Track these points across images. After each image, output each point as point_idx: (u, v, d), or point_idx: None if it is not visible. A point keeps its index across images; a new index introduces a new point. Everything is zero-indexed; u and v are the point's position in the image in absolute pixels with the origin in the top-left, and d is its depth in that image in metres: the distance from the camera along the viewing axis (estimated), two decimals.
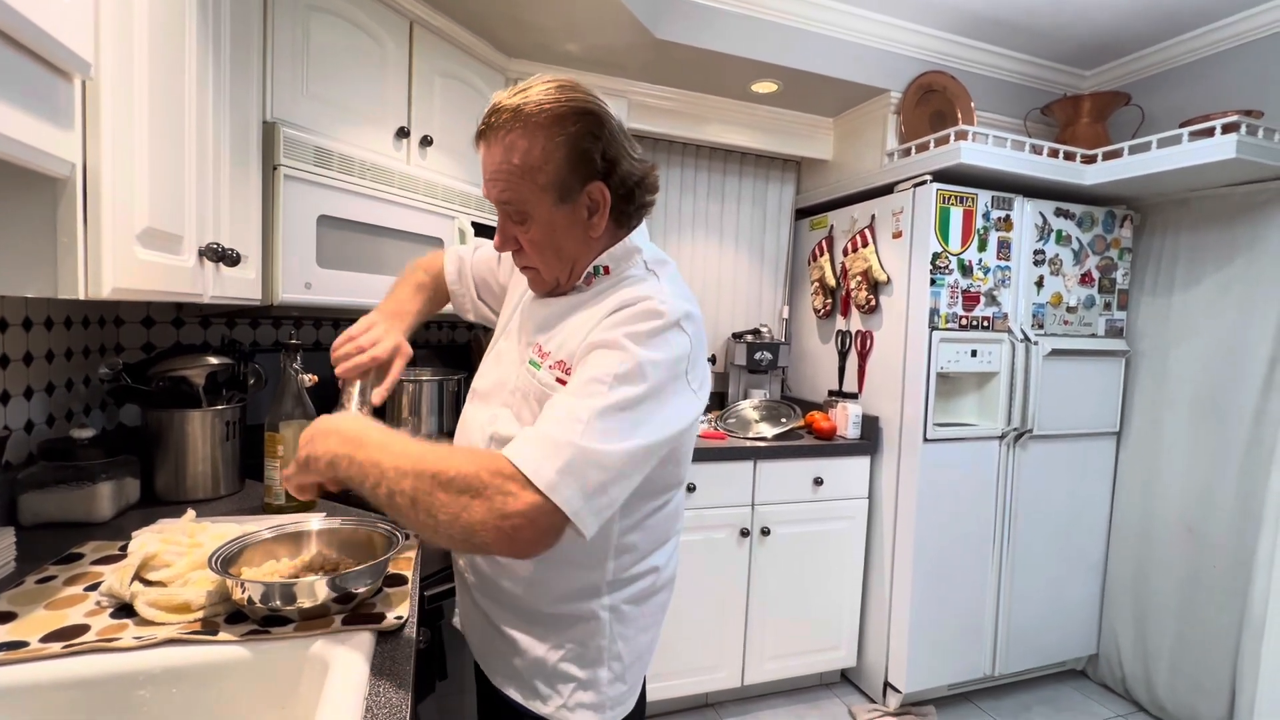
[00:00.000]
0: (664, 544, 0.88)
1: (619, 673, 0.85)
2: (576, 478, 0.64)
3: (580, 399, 0.68)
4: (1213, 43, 2.08)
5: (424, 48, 1.65)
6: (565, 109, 0.74)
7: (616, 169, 0.77)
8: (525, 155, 0.74)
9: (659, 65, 2.10)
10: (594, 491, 0.65)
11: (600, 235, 0.81)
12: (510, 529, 0.62)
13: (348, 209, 1.43)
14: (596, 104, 0.77)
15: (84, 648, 0.68)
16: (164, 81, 0.86)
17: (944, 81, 2.23)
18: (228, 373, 1.38)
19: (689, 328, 0.75)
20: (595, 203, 0.78)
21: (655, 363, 0.70)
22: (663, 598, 0.91)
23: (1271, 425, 1.91)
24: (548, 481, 0.63)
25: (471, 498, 0.62)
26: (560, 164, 0.75)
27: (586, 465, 0.64)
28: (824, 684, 2.31)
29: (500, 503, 0.62)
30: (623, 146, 0.78)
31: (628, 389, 0.68)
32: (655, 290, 0.77)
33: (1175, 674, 2.12)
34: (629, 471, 0.68)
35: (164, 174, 0.86)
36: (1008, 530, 2.18)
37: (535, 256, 0.81)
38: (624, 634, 0.85)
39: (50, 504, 1.06)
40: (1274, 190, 1.93)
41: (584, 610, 0.83)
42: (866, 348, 2.27)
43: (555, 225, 0.78)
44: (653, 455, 0.71)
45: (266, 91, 1.28)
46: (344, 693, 0.63)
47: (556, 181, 0.75)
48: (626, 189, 0.79)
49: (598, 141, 0.76)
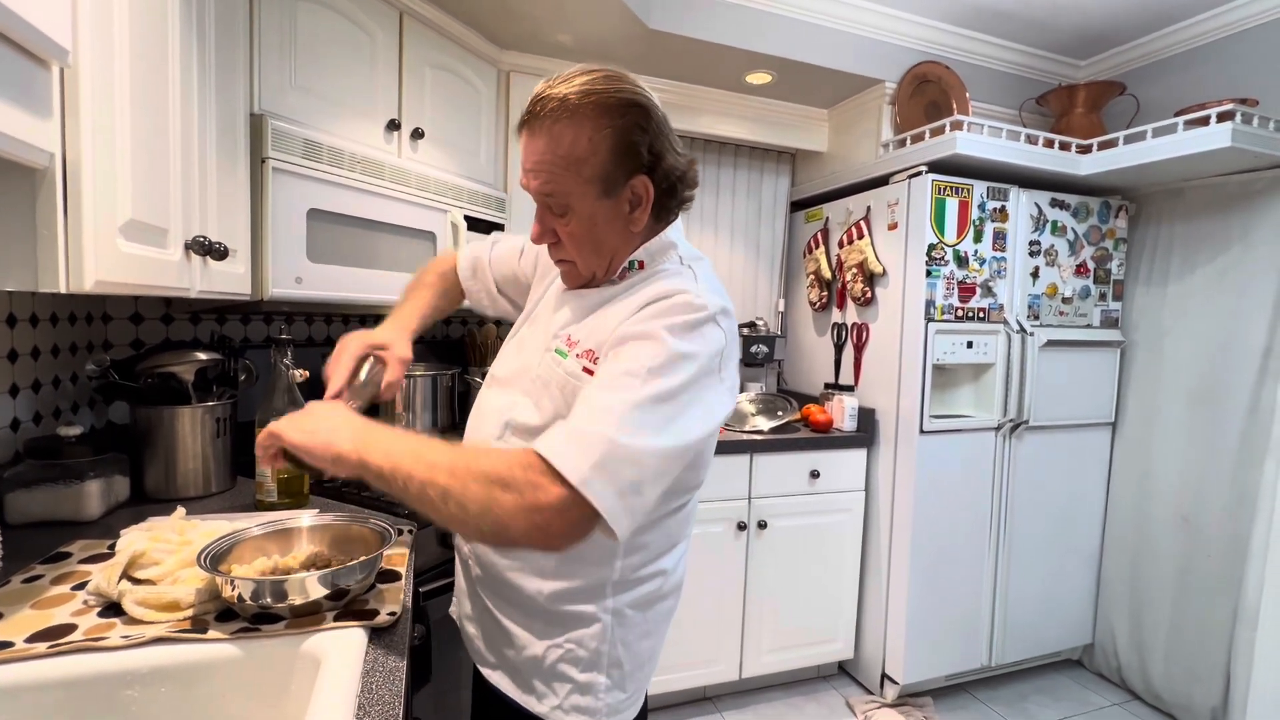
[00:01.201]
0: (673, 547, 0.87)
1: (618, 680, 0.83)
2: (610, 474, 0.62)
3: (613, 392, 0.66)
4: (1207, 31, 2.07)
5: (414, 39, 1.63)
6: (614, 100, 0.73)
7: (661, 163, 0.76)
8: (572, 146, 0.73)
9: (652, 56, 2.08)
10: (628, 489, 0.63)
11: (640, 230, 0.80)
12: (543, 522, 0.62)
13: (338, 202, 1.41)
14: (645, 95, 0.76)
15: (70, 647, 0.67)
16: (146, 71, 0.84)
17: (939, 72, 2.22)
18: (218, 369, 1.36)
19: (724, 323, 0.73)
20: (639, 197, 0.76)
21: (690, 355, 0.68)
22: (668, 604, 0.88)
23: (1266, 415, 1.91)
24: (580, 476, 0.61)
25: (502, 490, 0.62)
26: (606, 156, 0.73)
27: (620, 462, 0.63)
28: (821, 676, 2.32)
29: (531, 496, 0.61)
30: (668, 140, 0.77)
31: (662, 381, 0.66)
32: (691, 285, 0.75)
33: (1170, 663, 2.13)
34: (664, 470, 0.67)
35: (147, 165, 0.85)
36: (1004, 521, 2.19)
37: (573, 250, 0.80)
38: (625, 639, 0.83)
39: (37, 503, 1.04)
40: (1268, 179, 1.92)
41: (586, 610, 0.81)
42: (862, 340, 2.26)
43: (597, 219, 0.76)
44: (688, 453, 0.69)
45: (254, 83, 1.26)
46: (336, 690, 0.62)
47: (601, 174, 0.74)
48: (669, 183, 0.78)
49: (645, 134, 0.74)
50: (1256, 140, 1.77)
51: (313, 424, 0.72)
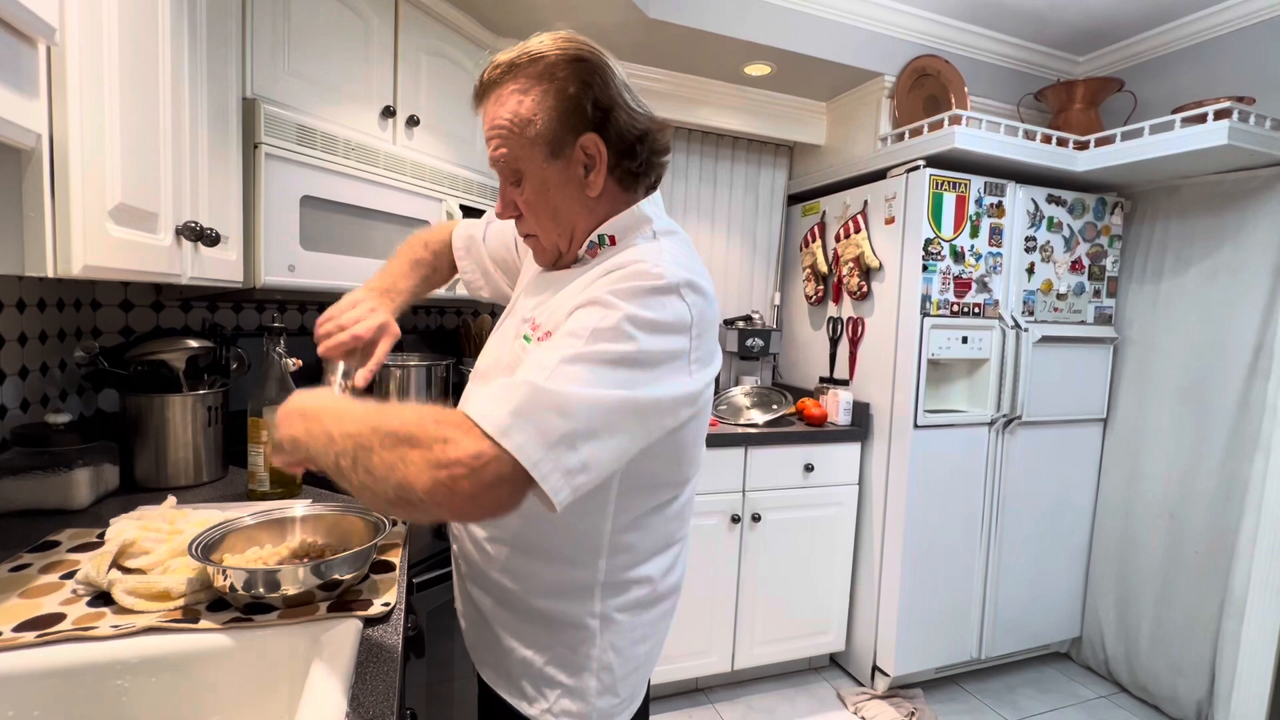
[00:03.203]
0: (665, 550, 0.82)
1: (608, 684, 0.79)
2: (532, 421, 0.54)
3: (549, 350, 0.60)
4: (1206, 29, 2.07)
5: (410, 24, 1.61)
6: (558, 57, 0.70)
7: (612, 119, 0.71)
8: (517, 108, 0.71)
9: (651, 46, 2.06)
10: (557, 442, 0.55)
11: (600, 197, 0.75)
12: (448, 480, 0.53)
13: (332, 190, 1.39)
14: (591, 51, 0.72)
15: (58, 637, 0.66)
16: (135, 52, 0.83)
17: (938, 66, 2.21)
18: (209, 357, 1.35)
19: (689, 297, 0.66)
20: (591, 157, 0.72)
21: (640, 322, 0.61)
22: (665, 606, 0.84)
23: (1255, 411, 1.93)
24: (497, 424, 0.54)
25: (410, 448, 0.54)
26: (551, 115, 0.70)
27: (544, 408, 0.55)
28: (813, 668, 2.33)
29: (440, 450, 0.53)
30: (619, 95, 0.72)
31: (605, 345, 0.59)
32: (651, 253, 0.69)
33: (1155, 656, 2.16)
34: (601, 427, 0.57)
35: (137, 148, 0.83)
36: (995, 516, 2.20)
37: (532, 220, 0.77)
38: (615, 644, 0.79)
39: (25, 491, 1.03)
40: (1263, 178, 1.93)
41: (573, 613, 0.77)
42: (858, 334, 2.26)
43: (549, 183, 0.73)
44: (632, 416, 0.60)
45: (246, 67, 1.24)
46: (330, 681, 0.61)
47: (548, 134, 0.70)
48: (625, 144, 0.73)
49: (588, 89, 0.70)
50: (1253, 138, 1.78)
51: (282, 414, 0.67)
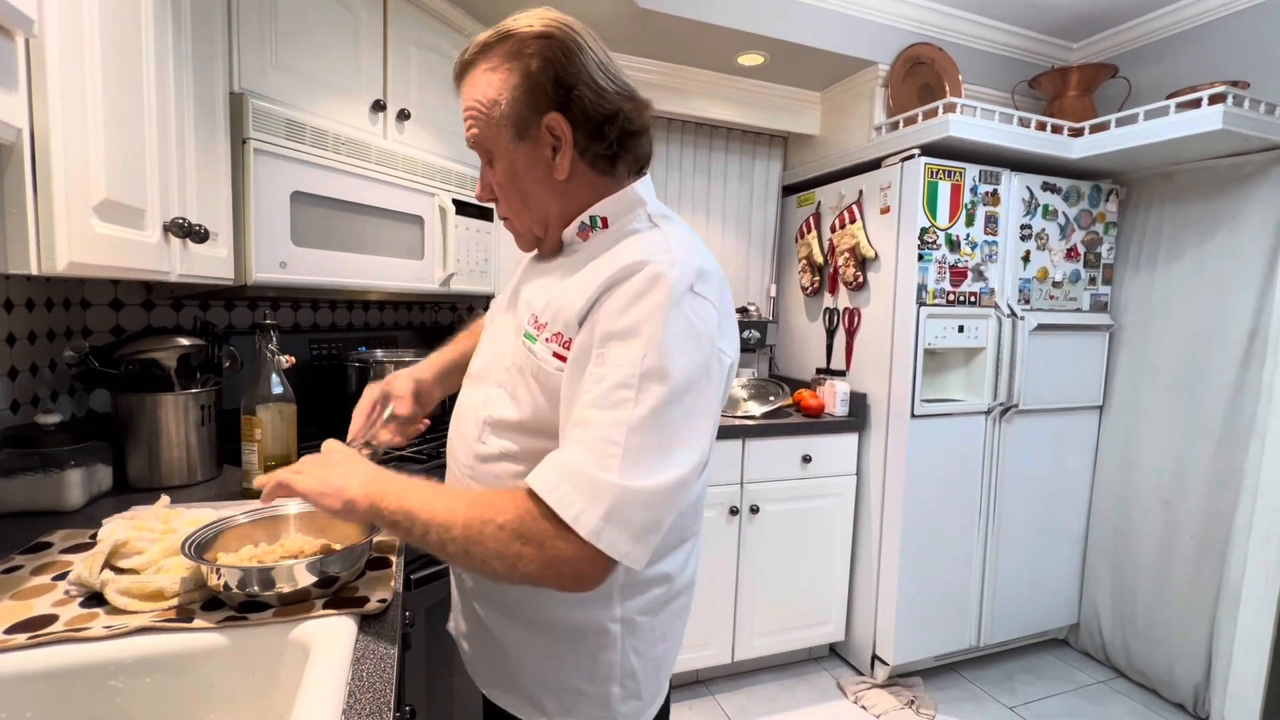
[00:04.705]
0: (681, 545, 0.80)
1: (633, 690, 0.77)
2: (623, 521, 0.59)
3: (607, 410, 0.60)
4: (1199, 13, 2.06)
5: (399, 17, 1.59)
6: (525, 34, 0.69)
7: (576, 98, 0.69)
8: (485, 88, 0.71)
9: (643, 37, 2.05)
10: (642, 531, 0.60)
11: (572, 181, 0.73)
12: (571, 574, 0.60)
13: (323, 185, 1.38)
14: (560, 27, 0.70)
15: (51, 638, 0.65)
16: (118, 45, 0.81)
17: (932, 54, 2.20)
18: (201, 355, 1.33)
19: (706, 290, 0.65)
20: (557, 139, 0.70)
21: (681, 345, 0.62)
22: (681, 602, 0.82)
23: (1250, 397, 1.93)
24: (591, 529, 0.58)
25: (522, 544, 0.60)
26: (515, 94, 0.69)
27: (631, 508, 0.59)
28: (813, 658, 2.34)
29: (552, 550, 0.59)
30: (586, 74, 0.69)
31: (657, 388, 0.60)
32: (656, 248, 0.66)
33: (1151, 641, 2.17)
34: (675, 501, 0.62)
35: (121, 143, 0.82)
36: (993, 504, 2.21)
37: (504, 203, 0.76)
38: (637, 647, 0.77)
39: (16, 492, 1.02)
40: (1258, 162, 1.93)
41: (593, 620, 0.74)
42: (854, 325, 2.26)
43: (516, 165, 0.72)
44: (701, 465, 0.65)
45: (233, 61, 1.22)
46: (326, 678, 0.61)
47: (513, 115, 0.70)
48: (593, 124, 0.70)
49: (550, 65, 0.68)
50: (1247, 123, 1.77)
51: (324, 472, 0.70)
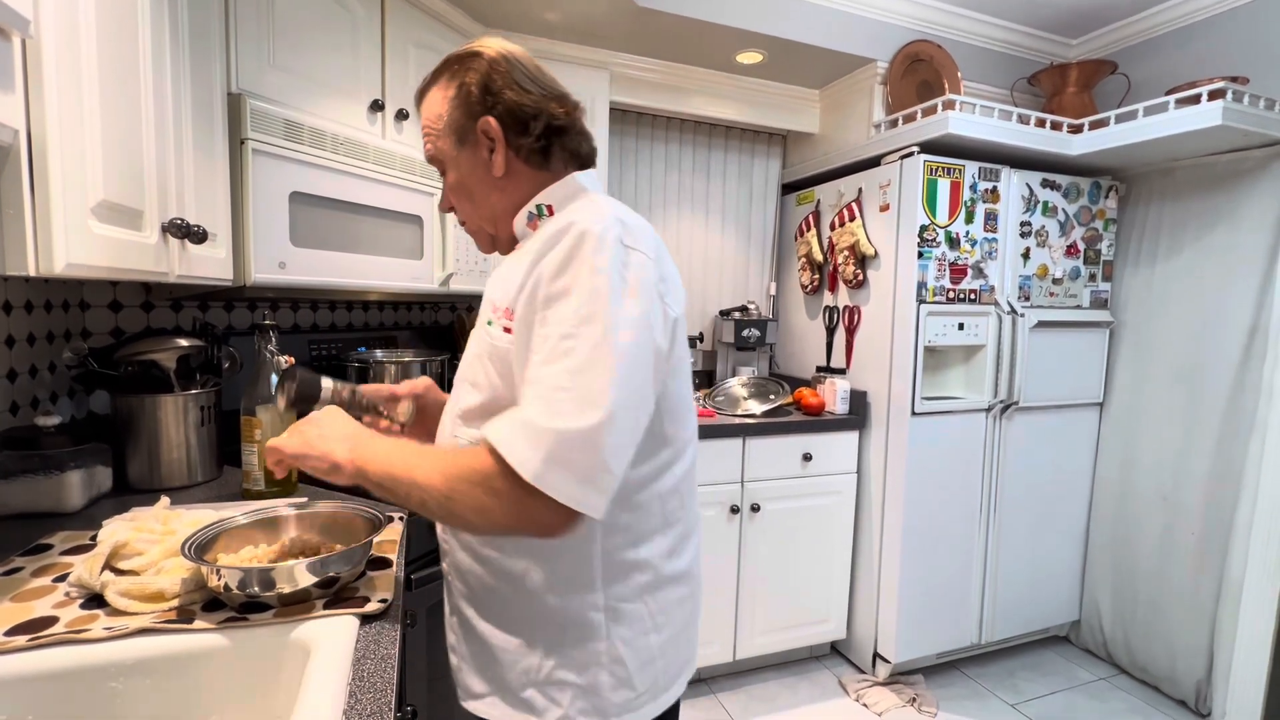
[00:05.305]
0: (663, 530, 0.80)
1: (623, 678, 0.77)
2: (563, 465, 0.61)
3: (552, 364, 0.64)
4: (1198, 9, 2.06)
5: (397, 16, 1.59)
6: (459, 55, 0.80)
7: (501, 102, 0.77)
8: (434, 106, 0.81)
9: (641, 35, 2.04)
10: (587, 474, 0.62)
11: (509, 176, 0.80)
12: (534, 521, 0.64)
13: (321, 185, 1.37)
14: (488, 45, 0.80)
15: (51, 640, 0.65)
16: (114, 45, 0.81)
17: (931, 51, 2.20)
18: (201, 356, 1.33)
19: (637, 244, 0.69)
20: (491, 140, 0.78)
21: (616, 293, 0.65)
22: (674, 594, 0.81)
23: (1251, 394, 1.93)
24: (534, 474, 0.61)
25: (490, 498, 0.64)
26: (453, 106, 0.79)
27: (569, 450, 0.62)
28: (814, 656, 2.34)
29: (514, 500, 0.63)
30: (511, 80, 0.78)
31: (595, 334, 0.64)
32: (582, 211, 0.71)
33: (1153, 637, 2.17)
34: (617, 442, 0.64)
35: (119, 144, 0.82)
36: (994, 501, 2.20)
37: (458, 205, 0.84)
38: (624, 636, 0.76)
39: (16, 494, 1.02)
40: (1257, 158, 1.93)
41: (577, 610, 0.75)
42: (854, 323, 2.26)
43: (462, 167, 0.81)
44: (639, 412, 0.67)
45: (230, 61, 1.22)
46: (327, 678, 0.61)
47: (454, 125, 0.79)
48: (520, 122, 0.78)
49: (476, 75, 0.78)
50: (1247, 118, 1.77)
51: (313, 433, 0.74)
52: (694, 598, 0.86)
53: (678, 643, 0.83)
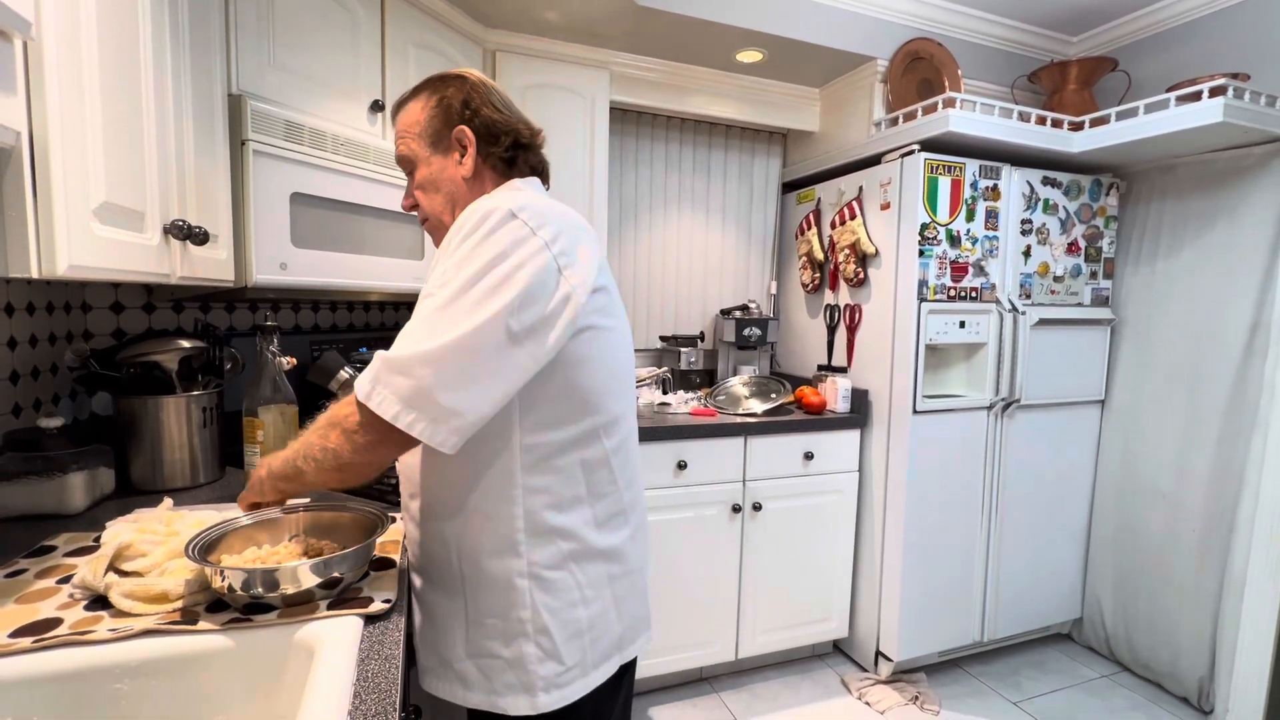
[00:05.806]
0: (591, 501, 0.83)
1: (549, 649, 0.79)
2: (386, 385, 0.70)
3: (419, 310, 0.74)
4: (1198, 5, 2.05)
5: (397, 16, 1.59)
6: (440, 75, 0.93)
7: (478, 116, 0.89)
8: (413, 114, 0.91)
9: (641, 34, 2.04)
10: (408, 395, 0.69)
11: (476, 177, 0.90)
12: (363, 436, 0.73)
13: (322, 186, 1.37)
14: (467, 71, 0.93)
15: (55, 642, 0.65)
16: (115, 47, 0.81)
17: (931, 49, 2.20)
18: (202, 357, 1.33)
19: (527, 219, 0.75)
20: (463, 143, 0.89)
21: (487, 247, 0.73)
22: (603, 570, 0.84)
23: (1252, 391, 1.93)
24: (363, 393, 0.71)
25: (335, 429, 0.75)
26: (433, 117, 0.90)
27: (391, 373, 0.70)
28: (816, 655, 2.34)
29: (350, 423, 0.73)
30: (487, 100, 0.90)
31: (458, 280, 0.72)
32: (494, 197, 0.81)
33: (1155, 634, 2.17)
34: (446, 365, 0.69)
35: (120, 145, 0.82)
36: (995, 499, 2.20)
37: (423, 199, 0.92)
38: (549, 605, 0.79)
39: (19, 496, 1.02)
40: (1258, 155, 1.92)
41: (503, 572, 0.79)
42: (855, 321, 2.26)
43: (433, 165, 0.91)
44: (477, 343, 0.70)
45: (231, 62, 1.22)
46: (331, 679, 0.61)
47: (431, 131, 0.90)
48: (491, 135, 0.90)
49: (458, 93, 0.90)
50: (1248, 115, 1.77)
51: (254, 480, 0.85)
52: (629, 578, 0.89)
53: (607, 619, 0.85)
